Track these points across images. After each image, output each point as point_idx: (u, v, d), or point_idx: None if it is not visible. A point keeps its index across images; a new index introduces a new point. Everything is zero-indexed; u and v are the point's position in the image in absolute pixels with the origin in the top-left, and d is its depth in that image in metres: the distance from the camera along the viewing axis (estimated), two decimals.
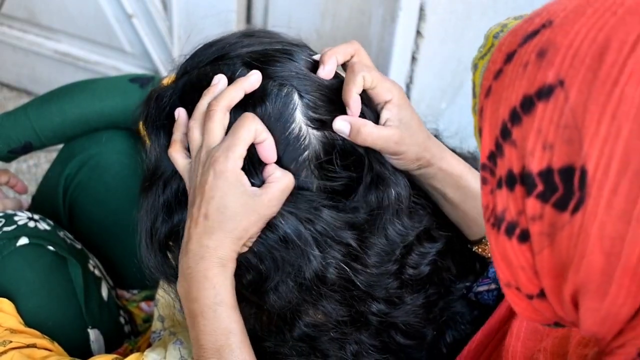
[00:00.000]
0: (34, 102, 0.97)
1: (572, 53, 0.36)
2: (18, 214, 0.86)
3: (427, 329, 0.72)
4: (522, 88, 0.38)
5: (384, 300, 0.68)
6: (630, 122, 0.34)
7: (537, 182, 0.37)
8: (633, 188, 0.34)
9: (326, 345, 0.68)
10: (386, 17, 1.28)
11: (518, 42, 0.40)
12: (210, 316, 0.61)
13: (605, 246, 0.35)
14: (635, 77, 0.34)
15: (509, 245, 0.40)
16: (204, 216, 0.62)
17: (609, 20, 0.36)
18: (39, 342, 0.76)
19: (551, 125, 0.36)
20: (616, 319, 0.37)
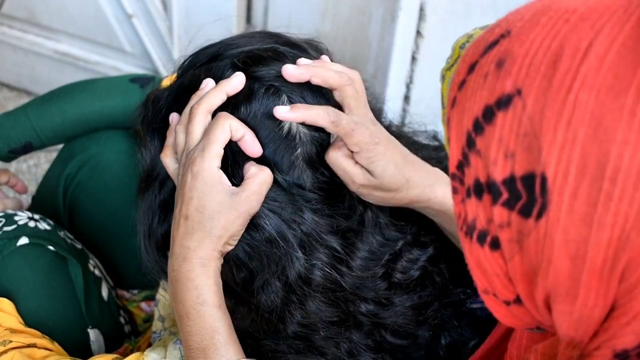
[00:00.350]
0: (34, 102, 0.97)
1: (528, 62, 0.37)
2: (18, 213, 0.86)
3: (419, 330, 0.72)
4: (483, 98, 0.39)
5: (373, 301, 0.69)
6: (585, 127, 0.34)
7: (501, 190, 0.38)
8: (592, 192, 0.34)
9: (321, 343, 0.68)
10: (386, 17, 1.28)
11: (479, 52, 0.41)
12: (194, 316, 0.61)
13: (570, 250, 0.35)
14: (588, 83, 0.34)
15: (482, 253, 0.41)
16: (184, 217, 0.63)
17: (562, 27, 0.37)
18: (39, 341, 0.76)
19: (511, 134, 0.37)
20: (589, 321, 0.38)
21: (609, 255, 0.35)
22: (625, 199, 0.33)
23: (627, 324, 0.36)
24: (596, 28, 0.35)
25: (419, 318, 0.71)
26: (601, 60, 0.34)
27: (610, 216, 0.34)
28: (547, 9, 0.38)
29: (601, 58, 0.34)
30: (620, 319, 0.36)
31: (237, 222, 0.63)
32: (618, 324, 0.36)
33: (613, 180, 0.33)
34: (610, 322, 0.37)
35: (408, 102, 1.34)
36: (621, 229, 0.34)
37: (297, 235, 0.65)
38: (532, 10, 0.39)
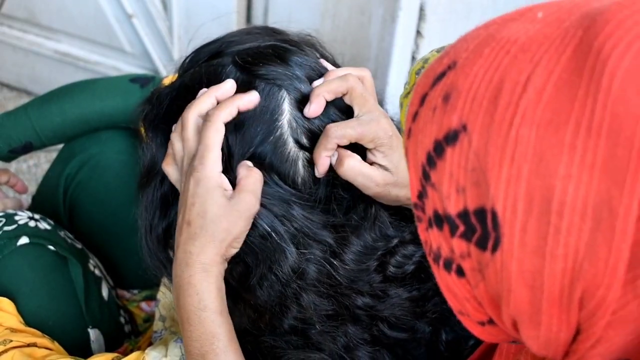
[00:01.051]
0: (34, 102, 0.97)
1: (472, 97, 0.37)
2: (18, 213, 0.86)
3: (417, 323, 0.72)
4: (433, 132, 0.39)
5: (368, 294, 0.69)
6: (528, 162, 0.34)
7: (457, 223, 0.38)
8: (541, 226, 0.34)
9: (318, 338, 0.68)
10: (386, 17, 1.28)
11: (429, 84, 0.41)
12: (195, 322, 0.62)
13: (527, 280, 0.36)
14: (528, 118, 0.34)
15: (450, 279, 0.41)
16: (187, 223, 0.63)
17: (503, 60, 0.37)
18: (40, 341, 0.76)
19: (460, 170, 0.37)
20: (557, 344, 0.38)
21: (566, 285, 0.35)
22: (573, 231, 0.33)
23: (592, 347, 0.36)
24: (535, 60, 0.35)
25: (416, 310, 0.71)
26: (539, 94, 0.34)
27: (561, 248, 0.34)
28: (491, 39, 0.38)
29: (539, 92, 0.34)
30: (585, 343, 0.36)
31: (239, 223, 0.63)
32: (584, 347, 0.36)
33: (560, 214, 0.33)
34: (577, 345, 0.37)
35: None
36: (573, 259, 0.34)
37: (289, 230, 0.65)
38: (477, 40, 0.39)
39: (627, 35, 0.33)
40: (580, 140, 0.33)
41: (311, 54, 0.72)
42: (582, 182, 0.33)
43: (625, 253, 0.33)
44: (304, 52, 0.70)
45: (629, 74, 0.32)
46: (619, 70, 0.32)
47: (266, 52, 0.68)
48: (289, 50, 0.69)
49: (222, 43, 0.71)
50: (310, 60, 0.70)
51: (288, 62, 0.67)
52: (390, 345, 0.72)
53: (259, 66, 0.66)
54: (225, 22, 1.45)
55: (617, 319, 0.35)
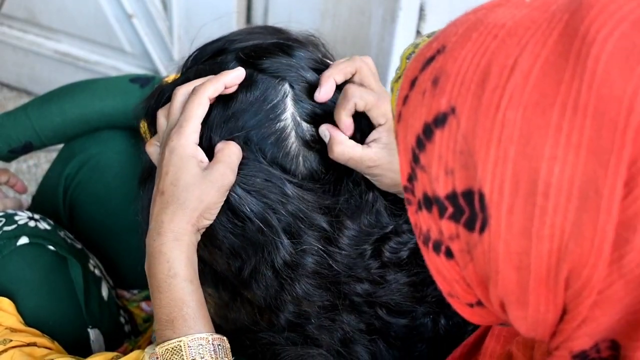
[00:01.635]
0: (34, 102, 0.97)
1: (460, 80, 0.38)
2: (18, 213, 0.86)
3: (417, 307, 0.72)
4: (422, 115, 0.40)
5: (367, 280, 0.69)
6: (514, 144, 0.35)
7: (446, 205, 0.39)
8: (527, 207, 0.35)
9: (315, 333, 0.68)
10: (386, 17, 1.28)
11: (419, 67, 0.41)
12: (164, 289, 0.62)
13: (514, 261, 0.36)
14: (515, 100, 0.35)
15: (439, 261, 0.42)
16: (160, 193, 0.63)
17: (491, 44, 0.37)
18: (39, 340, 0.76)
19: (449, 152, 0.38)
20: (545, 325, 0.38)
21: (552, 265, 0.35)
22: (559, 212, 0.34)
23: (578, 327, 0.37)
24: (521, 44, 0.36)
25: (416, 295, 0.71)
26: (526, 77, 0.35)
27: (547, 229, 0.34)
28: (479, 24, 0.39)
29: (526, 75, 0.35)
30: (571, 323, 0.37)
31: (212, 193, 0.63)
32: (571, 327, 0.37)
33: (545, 195, 0.34)
34: (564, 325, 0.38)
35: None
36: (559, 240, 0.34)
37: (281, 219, 0.65)
38: (465, 24, 0.40)
39: (611, 19, 0.34)
40: (566, 122, 0.34)
41: (314, 52, 0.72)
42: (567, 163, 0.33)
43: (610, 233, 0.33)
44: (306, 48, 0.71)
45: (613, 57, 0.33)
46: (604, 53, 0.33)
47: (270, 47, 0.69)
48: (292, 46, 0.69)
49: (226, 41, 0.71)
50: (314, 55, 0.70)
51: (292, 55, 0.68)
52: (388, 336, 0.71)
53: (262, 60, 0.67)
54: (226, 23, 1.45)
55: (603, 299, 0.35)
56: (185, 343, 0.59)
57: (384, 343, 0.71)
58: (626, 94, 0.32)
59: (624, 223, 0.33)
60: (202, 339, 0.60)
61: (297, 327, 0.69)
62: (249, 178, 0.65)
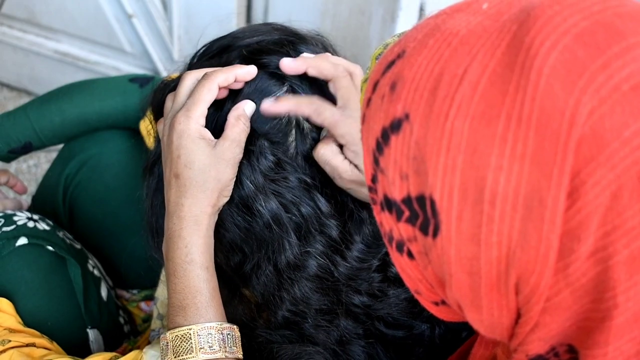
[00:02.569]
0: (33, 102, 0.97)
1: (414, 87, 0.38)
2: (17, 214, 0.86)
3: (414, 322, 0.72)
4: (381, 120, 0.40)
5: (367, 293, 0.69)
6: (462, 153, 0.35)
7: (402, 208, 0.39)
8: (475, 214, 0.35)
9: (312, 332, 0.68)
10: (386, 17, 1.28)
11: (381, 71, 0.41)
12: (180, 274, 0.62)
13: (465, 266, 0.37)
14: (462, 110, 0.35)
15: (403, 261, 0.42)
16: (175, 176, 0.64)
17: (445, 52, 0.37)
18: (38, 341, 0.76)
19: (403, 157, 0.38)
20: (501, 327, 0.39)
21: (502, 271, 0.36)
22: (506, 220, 0.34)
23: (531, 332, 0.37)
24: (472, 53, 0.36)
25: (413, 310, 0.71)
26: (474, 88, 0.35)
27: (495, 236, 0.35)
28: (437, 30, 0.39)
29: (474, 85, 0.35)
30: (524, 327, 0.37)
31: (227, 171, 0.64)
32: (524, 331, 0.38)
33: (492, 204, 0.34)
34: (518, 328, 0.38)
35: None
36: (507, 247, 0.35)
37: (293, 219, 0.65)
38: (424, 30, 0.40)
39: (555, 31, 0.34)
40: (511, 133, 0.34)
41: (319, 49, 0.72)
42: (512, 173, 0.34)
43: (555, 242, 0.34)
44: (311, 47, 0.71)
45: (555, 70, 0.33)
46: (546, 66, 0.33)
47: (272, 45, 0.69)
48: (295, 42, 0.70)
49: (232, 38, 0.72)
50: (317, 50, 0.70)
51: (293, 53, 0.68)
52: (387, 341, 0.72)
53: (264, 57, 0.67)
54: (225, 22, 1.45)
55: (551, 306, 0.36)
56: (195, 331, 0.60)
57: (382, 347, 0.71)
58: (568, 107, 0.33)
59: (569, 233, 0.34)
60: (212, 327, 0.61)
61: (293, 325, 0.69)
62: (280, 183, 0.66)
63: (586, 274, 0.34)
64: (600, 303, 0.35)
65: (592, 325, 0.35)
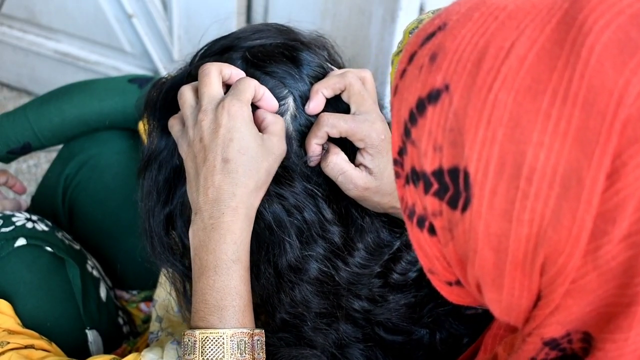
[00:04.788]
0: (33, 102, 0.97)
1: (457, 58, 0.38)
2: (16, 214, 0.86)
3: (414, 327, 0.72)
4: (417, 90, 0.40)
5: (367, 298, 0.69)
6: (503, 127, 0.35)
7: (432, 180, 0.39)
8: (510, 189, 0.35)
9: (311, 335, 0.68)
10: (386, 17, 1.27)
11: (419, 43, 0.41)
12: (222, 272, 0.59)
13: (492, 243, 0.37)
14: (508, 83, 0.35)
15: (422, 237, 0.42)
16: (223, 161, 0.59)
17: (491, 25, 0.37)
18: (37, 343, 0.76)
19: (439, 128, 0.38)
20: (519, 309, 0.39)
21: (529, 250, 0.36)
22: (540, 197, 0.34)
23: (551, 315, 0.37)
24: (520, 28, 0.36)
25: (413, 316, 0.71)
26: (521, 62, 0.35)
27: (528, 213, 0.35)
28: (482, 4, 0.39)
29: (521, 59, 0.35)
30: (544, 309, 0.37)
31: (275, 166, 0.62)
32: (543, 314, 0.38)
33: (529, 180, 0.34)
34: (537, 311, 0.38)
35: None
36: (538, 225, 0.35)
37: (296, 223, 0.65)
38: (469, 4, 0.40)
39: (609, 11, 0.34)
40: (556, 110, 0.34)
41: (320, 54, 0.72)
42: (553, 151, 0.34)
43: (589, 223, 0.34)
44: (313, 51, 0.71)
45: (607, 49, 0.33)
46: (598, 44, 0.33)
47: (276, 50, 0.68)
48: (298, 49, 0.69)
49: (234, 38, 0.71)
50: (320, 58, 0.70)
51: (296, 62, 0.68)
52: (386, 345, 0.71)
53: (267, 63, 0.67)
54: (225, 22, 1.45)
55: (576, 288, 0.36)
56: (228, 336, 0.58)
57: (381, 351, 0.71)
58: (617, 87, 0.32)
59: (604, 215, 0.34)
60: (246, 334, 0.58)
61: (291, 328, 0.68)
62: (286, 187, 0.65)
63: (616, 257, 0.34)
64: (628, 288, 0.34)
65: (615, 311, 0.35)
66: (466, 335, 0.72)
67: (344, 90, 0.67)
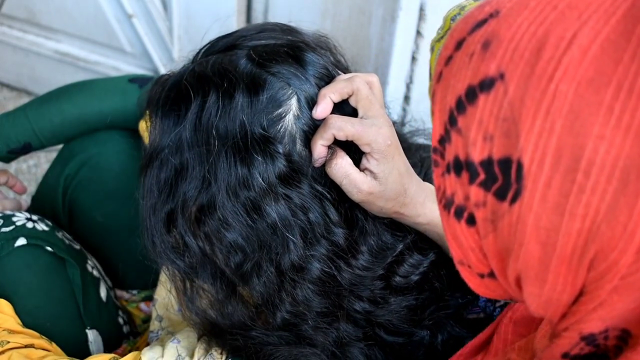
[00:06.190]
0: (33, 102, 0.97)
1: (513, 46, 0.37)
2: (16, 214, 0.86)
3: (414, 329, 0.72)
4: (467, 78, 0.39)
5: (368, 299, 0.69)
6: (562, 118, 0.34)
7: (479, 171, 0.38)
8: (565, 182, 0.34)
9: (311, 334, 0.68)
10: (386, 17, 1.27)
11: (468, 29, 0.40)
12: None
13: (541, 237, 0.36)
14: (569, 74, 0.34)
15: (459, 227, 0.42)
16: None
17: (550, 14, 0.36)
18: (37, 342, 0.76)
19: (491, 117, 0.37)
20: (558, 304, 0.38)
21: (579, 245, 0.35)
22: (597, 192, 0.34)
23: (593, 310, 0.37)
24: (582, 19, 0.35)
25: (414, 318, 0.71)
26: (584, 53, 0.34)
27: (582, 208, 0.34)
28: None
29: (584, 50, 0.34)
30: (587, 305, 0.37)
31: None
32: (585, 309, 0.37)
33: (587, 173, 0.34)
34: (578, 306, 0.37)
35: (408, 102, 1.34)
36: (592, 220, 0.34)
37: (300, 223, 0.65)
38: None
39: None
40: (619, 103, 0.33)
41: (324, 55, 0.71)
42: (614, 145, 0.33)
43: None
44: (317, 52, 0.70)
45: None
46: None
47: (281, 50, 0.68)
48: (302, 49, 0.69)
49: (237, 37, 0.71)
50: (323, 60, 0.70)
51: (300, 62, 0.67)
52: (386, 345, 0.72)
53: (272, 63, 0.67)
54: (225, 22, 1.45)
55: (624, 285, 0.35)
56: None
57: (380, 351, 0.71)
58: None
59: None
60: None
61: (292, 327, 0.68)
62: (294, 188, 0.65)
63: None
64: None
65: None
66: (468, 338, 0.72)
67: (352, 95, 0.67)
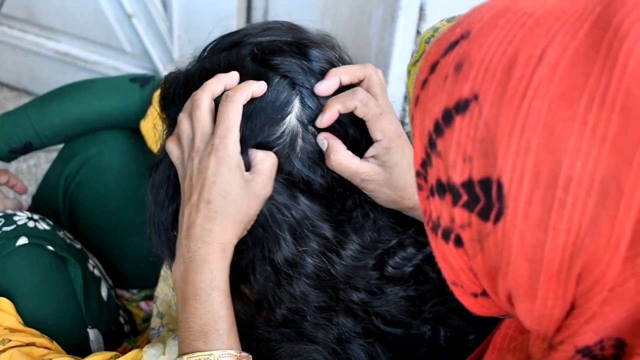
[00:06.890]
0: (34, 102, 0.97)
1: (485, 67, 0.37)
2: (18, 213, 0.86)
3: (412, 320, 0.72)
4: (443, 100, 0.39)
5: (365, 290, 0.69)
6: (538, 135, 0.34)
7: (461, 192, 0.38)
8: (546, 199, 0.34)
9: (311, 330, 0.68)
10: (386, 17, 1.28)
11: (441, 52, 0.40)
12: (203, 299, 0.62)
13: (527, 254, 0.36)
14: (541, 91, 0.34)
15: (447, 249, 0.41)
16: (205, 202, 0.63)
17: (518, 32, 0.37)
18: (38, 341, 0.76)
19: (468, 139, 0.37)
20: (551, 319, 0.38)
21: (565, 259, 0.35)
22: (578, 206, 0.34)
23: (586, 323, 0.37)
24: (550, 34, 0.35)
25: (412, 309, 0.71)
26: (554, 68, 0.34)
27: (565, 222, 0.34)
28: (506, 11, 0.38)
29: (554, 66, 0.34)
30: (579, 318, 0.37)
31: (256, 206, 0.64)
32: (578, 323, 0.37)
33: (566, 188, 0.34)
34: (571, 320, 0.37)
35: (408, 102, 1.35)
36: (575, 234, 0.34)
37: (287, 220, 0.66)
38: (492, 11, 0.39)
39: None
40: (592, 116, 0.33)
41: (329, 52, 0.72)
42: (590, 157, 0.33)
43: (628, 231, 0.33)
44: (323, 49, 0.71)
45: None
46: (636, 48, 0.32)
47: (285, 46, 0.68)
48: (308, 46, 0.69)
49: (243, 35, 0.71)
50: (328, 54, 0.70)
51: (305, 56, 0.68)
52: (386, 340, 0.72)
53: (276, 58, 0.67)
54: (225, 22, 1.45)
55: (613, 296, 0.35)
56: (215, 357, 0.60)
57: (381, 347, 0.71)
58: None
59: None
60: (232, 355, 0.61)
61: (293, 324, 0.69)
62: None
63: None
64: None
65: None
66: (472, 333, 0.72)
67: (362, 80, 0.66)
